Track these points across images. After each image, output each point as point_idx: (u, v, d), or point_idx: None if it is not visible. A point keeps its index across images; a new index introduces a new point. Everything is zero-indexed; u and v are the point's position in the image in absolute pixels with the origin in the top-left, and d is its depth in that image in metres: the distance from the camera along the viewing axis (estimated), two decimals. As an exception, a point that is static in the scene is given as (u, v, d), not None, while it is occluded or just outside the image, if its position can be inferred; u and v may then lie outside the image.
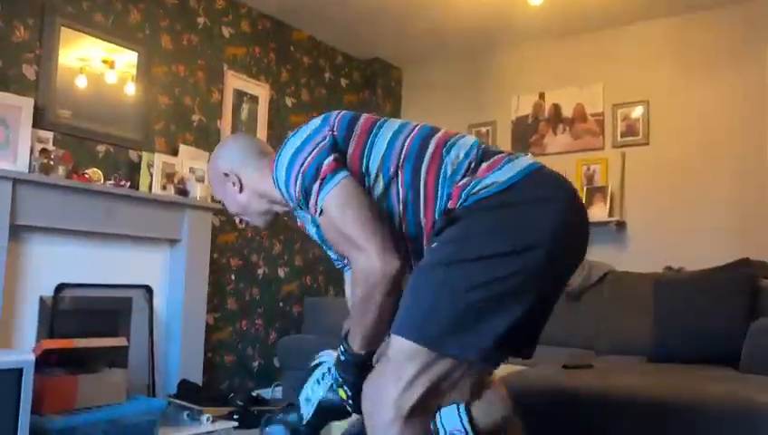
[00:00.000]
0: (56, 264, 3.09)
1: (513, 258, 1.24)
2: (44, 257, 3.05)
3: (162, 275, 3.60)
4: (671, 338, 2.86)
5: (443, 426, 1.47)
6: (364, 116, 1.50)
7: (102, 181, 3.26)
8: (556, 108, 4.48)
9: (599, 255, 3.98)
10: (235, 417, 3.38)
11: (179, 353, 3.56)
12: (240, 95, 4.25)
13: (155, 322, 3.49)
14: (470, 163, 1.34)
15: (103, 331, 3.04)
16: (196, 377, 3.58)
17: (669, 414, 1.96)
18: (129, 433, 2.72)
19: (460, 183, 1.32)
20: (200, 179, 3.74)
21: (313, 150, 1.38)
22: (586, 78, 4.37)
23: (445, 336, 1.22)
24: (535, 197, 1.30)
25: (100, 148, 3.40)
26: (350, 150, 1.40)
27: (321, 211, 1.36)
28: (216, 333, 3.98)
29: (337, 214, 1.33)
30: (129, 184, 3.37)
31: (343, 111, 1.51)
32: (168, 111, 3.79)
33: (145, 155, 3.51)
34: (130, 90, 3.51)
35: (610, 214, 4.10)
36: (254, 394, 3.78)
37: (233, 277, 4.12)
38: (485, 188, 1.29)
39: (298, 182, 1.38)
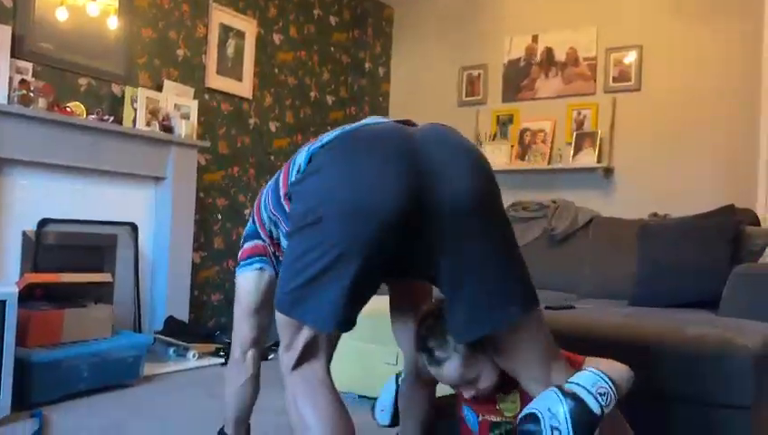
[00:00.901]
0: (39, 199, 3.06)
1: (313, 230, 1.15)
2: (27, 192, 3.01)
3: (147, 213, 3.57)
4: (653, 282, 2.89)
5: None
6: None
7: (85, 115, 3.19)
8: (549, 51, 4.41)
9: (585, 200, 4.00)
10: (221, 354, 3.42)
11: (165, 291, 3.57)
12: (226, 30, 4.13)
13: (140, 259, 3.48)
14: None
15: (88, 267, 3.03)
16: (183, 314, 3.60)
17: (647, 354, 1.99)
18: (114, 367, 2.74)
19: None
20: (185, 116, 3.68)
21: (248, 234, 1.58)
22: (580, 21, 4.29)
23: (293, 306, 1.22)
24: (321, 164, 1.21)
25: (82, 81, 3.31)
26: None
27: None
28: (203, 271, 3.98)
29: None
30: (112, 119, 3.31)
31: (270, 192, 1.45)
32: (152, 45, 3.69)
33: (128, 90, 3.44)
34: (113, 23, 3.40)
35: (599, 160, 4.09)
36: (240, 332, 3.81)
37: (219, 217, 4.11)
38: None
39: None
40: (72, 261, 3.03)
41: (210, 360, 3.37)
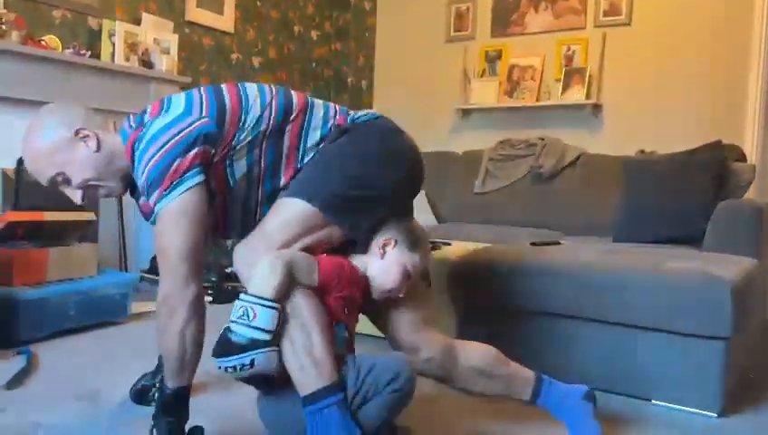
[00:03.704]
0: (16, 136, 2.97)
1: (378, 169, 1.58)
2: (4, 129, 2.94)
3: (130, 151, 3.51)
4: (636, 219, 2.90)
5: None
6: (226, 90, 1.54)
7: (61, 50, 3.09)
8: (539, -16, 4.30)
9: (573, 138, 3.98)
10: (210, 292, 3.43)
11: (149, 230, 3.53)
12: (205, -40, 3.98)
13: (124, 198, 3.43)
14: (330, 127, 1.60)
15: (70, 205, 2.98)
16: (169, 253, 3.59)
17: (628, 286, 2.02)
18: (102, 305, 2.75)
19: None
20: (165, 51, 3.58)
21: (174, 138, 1.41)
22: (572, -48, 4.16)
23: (338, 211, 1.53)
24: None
25: (57, 13, 3.19)
26: (225, 127, 1.48)
27: (156, 216, 1.43)
28: (188, 210, 3.95)
29: (167, 229, 1.41)
30: (89, 54, 3.21)
31: (207, 95, 1.52)
32: (128, -25, 3.55)
33: (105, 23, 3.32)
34: (86, -50, 3.26)
35: (588, 96, 4.05)
36: (227, 271, 3.82)
37: (203, 155, 4.05)
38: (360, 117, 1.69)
39: (144, 176, 1.41)
40: (53, 200, 2.97)
41: (198, 298, 3.38)
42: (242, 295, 1.38)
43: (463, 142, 4.45)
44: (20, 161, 2.94)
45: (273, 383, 1.41)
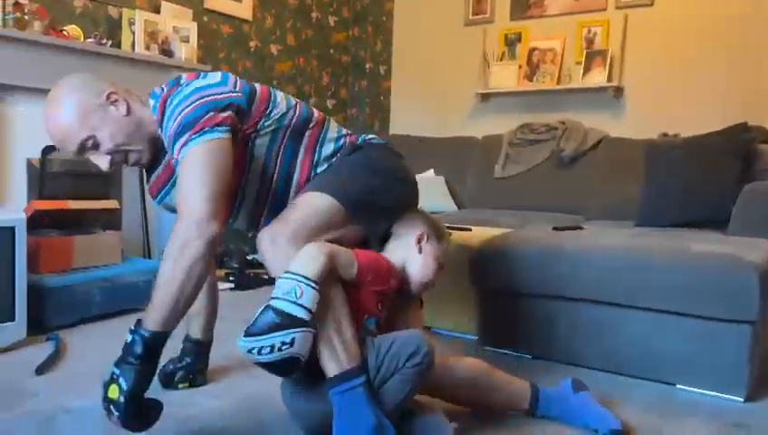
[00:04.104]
0: (41, 126, 3.01)
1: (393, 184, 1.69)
2: (29, 118, 2.97)
3: (151, 140, 3.53)
4: (659, 202, 2.86)
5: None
6: (258, 85, 1.65)
7: (82, 39, 3.11)
8: (559, -35, 4.23)
9: (595, 121, 3.94)
10: (231, 279, 3.46)
11: (172, 217, 3.57)
12: (223, -52, 3.97)
13: (146, 186, 3.47)
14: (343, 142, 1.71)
15: (94, 194, 3.02)
16: (191, 240, 3.62)
17: (653, 269, 2.00)
18: (125, 292, 2.78)
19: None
20: (185, 39, 3.59)
21: (201, 103, 1.44)
22: (593, -69, 4.09)
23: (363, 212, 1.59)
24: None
25: (77, 3, 3.22)
26: (253, 109, 1.55)
27: (180, 158, 1.42)
28: (209, 198, 3.97)
29: (195, 167, 1.40)
30: (110, 43, 3.23)
31: (241, 80, 1.61)
32: (147, -37, 3.56)
33: (125, 12, 3.34)
34: (105, -61, 3.27)
35: (609, 79, 3.99)
36: (249, 258, 3.85)
37: (223, 143, 4.06)
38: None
39: (175, 121, 1.44)
40: (77, 188, 3.02)
41: (220, 285, 3.41)
42: (287, 272, 1.35)
43: (482, 127, 4.42)
44: (45, 150, 2.98)
45: (298, 369, 1.37)
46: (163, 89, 1.60)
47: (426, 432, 1.50)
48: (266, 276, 3.55)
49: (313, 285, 1.33)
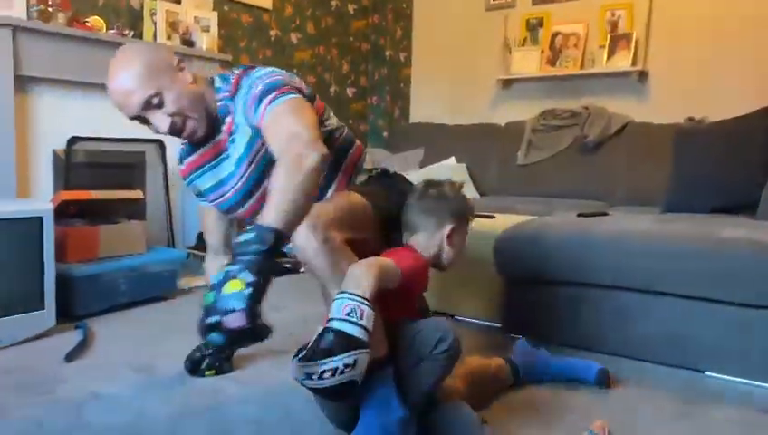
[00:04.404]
0: (66, 117, 3.05)
1: None
2: (54, 110, 3.01)
3: (173, 130, 3.55)
4: (687, 188, 2.82)
5: None
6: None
7: (105, 30, 3.13)
8: (582, -53, 4.16)
9: (619, 106, 3.88)
10: (253, 267, 3.47)
11: (195, 207, 3.59)
12: (243, -64, 3.97)
13: (170, 176, 3.50)
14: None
15: (119, 184, 3.05)
16: (214, 230, 3.64)
17: (681, 255, 1.97)
18: (150, 281, 2.81)
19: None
20: (205, 29, 3.60)
21: (284, 77, 1.57)
22: None
23: None
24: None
25: (99, -6, 3.23)
26: (315, 105, 1.64)
27: (268, 112, 1.49)
28: (231, 187, 3.99)
29: (290, 111, 1.47)
30: (132, 34, 3.24)
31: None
32: (168, -46, 3.56)
33: (147, 2, 3.35)
34: (125, -70, 3.28)
35: (634, 63, 3.93)
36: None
37: (245, 132, 4.07)
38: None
39: (260, 85, 1.52)
40: (102, 179, 3.06)
41: (243, 273, 3.43)
42: (343, 294, 1.31)
43: (504, 114, 4.38)
44: (70, 141, 3.02)
45: (354, 394, 1.31)
46: (228, 75, 1.67)
47: (448, 418, 1.49)
48: (287, 265, 3.56)
49: (368, 304, 1.29)
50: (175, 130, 1.61)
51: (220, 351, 1.94)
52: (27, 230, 2.25)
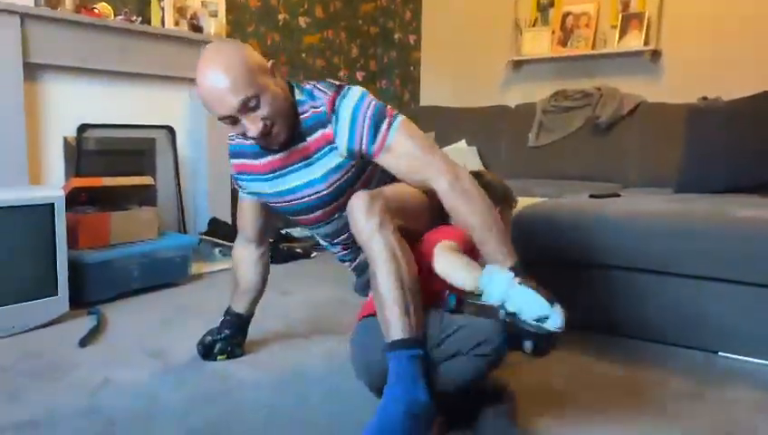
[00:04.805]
0: (76, 104, 3.05)
1: None
2: (64, 97, 3.01)
3: (183, 116, 3.55)
4: (700, 168, 2.78)
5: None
6: None
7: (113, 17, 3.12)
8: (593, -75, 4.09)
9: (631, 86, 3.83)
10: (266, 252, 3.48)
11: (207, 193, 3.61)
12: None
13: (180, 162, 3.50)
14: None
15: (129, 171, 3.06)
16: (225, 215, 3.65)
17: (697, 235, 1.95)
18: (162, 267, 2.82)
19: None
20: (213, 14, 3.58)
21: (372, 101, 1.59)
22: None
23: None
24: None
25: (107, -20, 3.22)
26: None
27: (388, 146, 1.56)
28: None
29: (415, 135, 1.58)
30: (140, 20, 3.23)
31: None
32: (174, -62, 3.53)
33: (154, -12, 3.33)
34: None
35: (646, 42, 3.87)
36: (283, 232, 3.87)
37: (254, 118, 4.06)
38: None
39: (369, 115, 1.56)
40: (113, 165, 3.06)
41: (254, 258, 3.44)
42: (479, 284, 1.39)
43: (515, 95, 4.34)
44: (80, 128, 3.03)
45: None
46: (307, 88, 1.65)
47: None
48: (299, 250, 3.57)
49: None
50: (263, 135, 1.57)
51: (233, 335, 1.95)
52: (39, 217, 2.26)
